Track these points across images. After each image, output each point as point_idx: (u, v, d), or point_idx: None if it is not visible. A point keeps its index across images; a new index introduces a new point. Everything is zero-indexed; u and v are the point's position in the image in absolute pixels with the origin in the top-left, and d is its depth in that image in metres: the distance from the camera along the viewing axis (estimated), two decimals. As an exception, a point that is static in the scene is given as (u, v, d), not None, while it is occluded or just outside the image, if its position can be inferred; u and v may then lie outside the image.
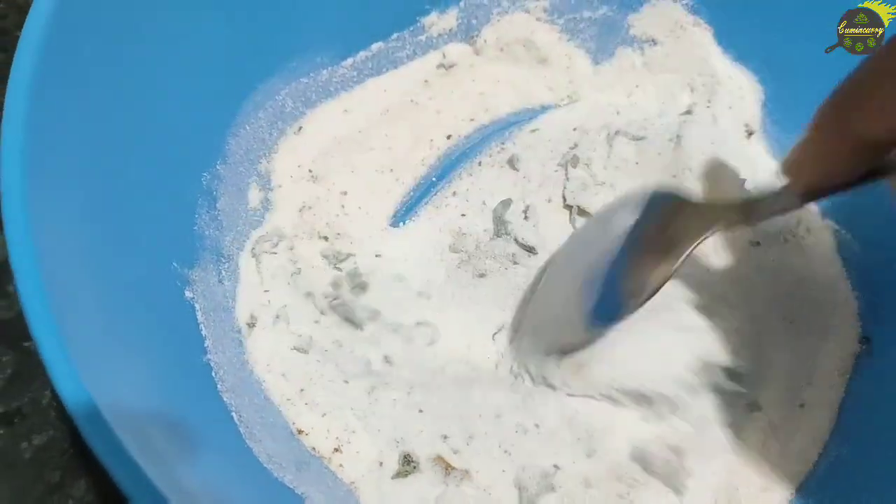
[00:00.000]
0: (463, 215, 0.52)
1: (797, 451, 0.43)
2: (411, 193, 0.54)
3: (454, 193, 0.53)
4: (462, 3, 0.56)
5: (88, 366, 0.29)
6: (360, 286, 0.48)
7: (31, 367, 0.47)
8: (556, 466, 0.41)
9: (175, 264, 0.41)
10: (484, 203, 0.52)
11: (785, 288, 0.47)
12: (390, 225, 0.52)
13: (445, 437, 0.42)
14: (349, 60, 0.54)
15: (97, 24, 0.37)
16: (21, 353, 0.47)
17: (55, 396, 0.46)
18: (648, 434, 0.42)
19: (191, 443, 0.34)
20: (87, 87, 0.36)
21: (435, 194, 0.54)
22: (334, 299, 0.46)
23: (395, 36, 0.55)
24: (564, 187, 0.52)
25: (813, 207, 0.52)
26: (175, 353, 0.38)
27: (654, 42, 0.57)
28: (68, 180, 0.34)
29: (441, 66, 0.57)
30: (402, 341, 0.46)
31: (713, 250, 0.49)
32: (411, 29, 0.56)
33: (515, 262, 0.48)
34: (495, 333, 0.47)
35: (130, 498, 0.26)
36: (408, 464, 0.40)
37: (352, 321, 0.46)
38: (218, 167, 0.46)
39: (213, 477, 0.34)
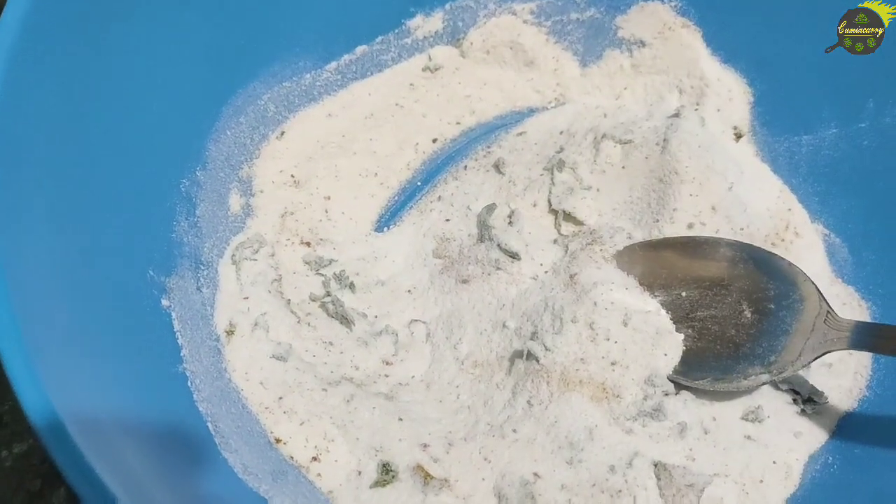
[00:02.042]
0: (447, 220, 0.51)
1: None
2: (396, 198, 0.53)
3: (439, 198, 0.53)
4: (448, 6, 0.56)
5: (55, 377, 0.28)
6: (350, 287, 0.47)
7: (10, 375, 0.47)
8: (536, 475, 0.40)
9: (151, 272, 0.40)
10: (468, 208, 0.52)
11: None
12: (374, 230, 0.52)
13: (425, 445, 0.41)
14: (333, 64, 0.54)
15: (72, 26, 0.36)
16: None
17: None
18: (630, 445, 0.42)
19: (163, 454, 0.34)
20: (59, 90, 0.36)
21: (420, 199, 0.53)
22: (326, 296, 0.46)
23: (379, 39, 0.55)
24: (550, 191, 0.52)
25: (802, 212, 0.52)
26: (150, 362, 0.38)
27: (642, 44, 0.56)
28: (37, 185, 0.34)
29: (427, 68, 0.57)
30: (391, 342, 0.46)
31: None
32: (396, 32, 0.55)
33: (499, 268, 0.48)
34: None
35: None
36: (386, 473, 0.40)
37: (345, 318, 0.46)
38: (197, 173, 0.46)
39: (186, 489, 0.33)
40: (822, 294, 0.44)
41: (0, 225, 0.30)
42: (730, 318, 0.45)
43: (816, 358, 0.42)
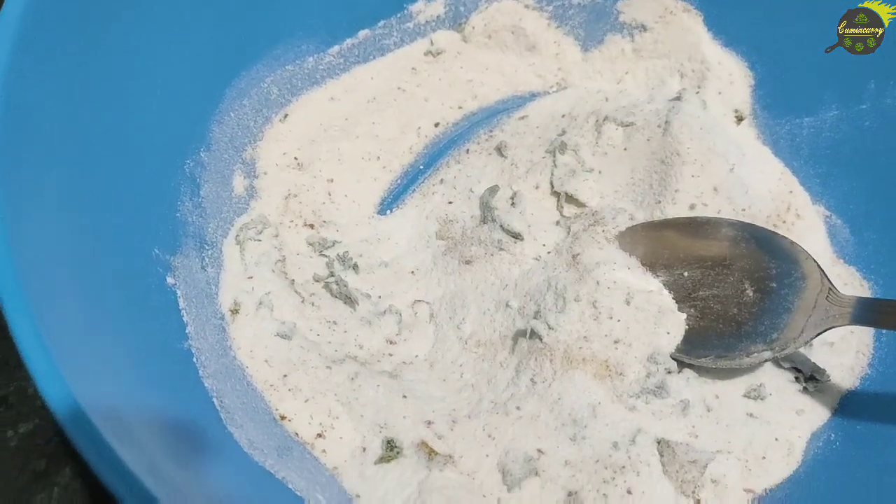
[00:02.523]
0: (450, 202, 0.52)
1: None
2: (398, 181, 0.54)
3: (441, 181, 0.53)
4: (450, -10, 0.56)
5: (67, 356, 0.29)
6: (353, 268, 0.48)
7: (16, 356, 0.47)
8: (539, 451, 0.40)
9: (157, 251, 0.41)
10: (471, 190, 0.52)
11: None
12: (377, 213, 0.52)
13: (429, 422, 0.41)
14: (335, 48, 0.54)
15: (75, 9, 0.37)
16: (6, 342, 0.47)
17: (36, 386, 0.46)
18: (633, 422, 0.42)
19: (171, 429, 0.34)
20: (65, 73, 0.36)
21: (422, 182, 0.54)
22: (329, 276, 0.46)
23: (381, 23, 0.55)
24: (552, 174, 0.52)
25: (804, 193, 0.52)
26: (155, 339, 0.38)
27: (643, 28, 0.57)
28: (44, 168, 0.34)
29: (429, 53, 0.57)
30: (394, 322, 0.46)
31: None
32: (398, 16, 0.56)
33: (501, 249, 0.48)
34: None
35: (116, 494, 0.26)
36: (391, 449, 0.40)
37: (349, 298, 0.46)
38: (202, 154, 0.46)
39: (193, 463, 0.33)
40: (823, 271, 0.44)
41: (10, 207, 0.30)
42: (732, 296, 0.45)
43: (819, 334, 0.42)
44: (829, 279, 0.43)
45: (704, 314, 0.45)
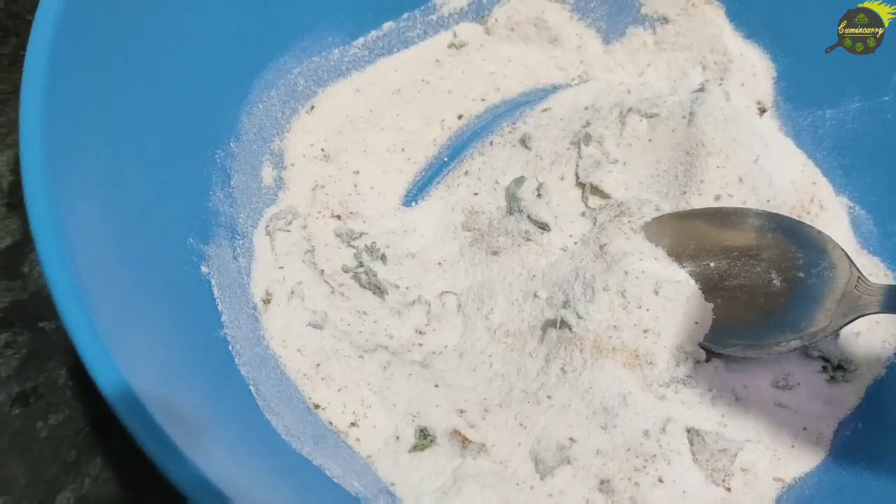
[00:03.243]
0: (475, 194, 0.52)
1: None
2: (423, 173, 0.54)
3: (466, 173, 0.53)
4: (473, -17, 0.56)
5: (115, 340, 0.29)
6: (381, 258, 0.48)
7: (46, 347, 0.47)
8: (571, 439, 0.41)
9: (191, 240, 0.41)
10: (496, 182, 0.52)
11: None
12: (402, 204, 0.52)
13: (462, 411, 0.42)
14: (360, 40, 0.54)
15: (110, 4, 0.37)
16: (36, 333, 0.47)
17: (71, 376, 0.46)
18: (662, 411, 0.42)
19: (213, 415, 0.34)
20: (102, 65, 0.36)
21: (447, 174, 0.54)
22: (359, 266, 0.47)
23: (406, 15, 0.55)
24: (577, 165, 0.52)
25: (827, 185, 0.52)
26: (193, 326, 0.38)
27: (665, 20, 0.57)
28: (86, 158, 0.34)
29: (452, 45, 0.57)
30: (423, 312, 0.46)
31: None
32: (422, 8, 0.56)
33: (529, 239, 0.48)
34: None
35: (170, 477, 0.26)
36: (424, 437, 0.40)
37: (378, 288, 0.46)
38: (231, 145, 0.46)
39: (236, 447, 0.34)
40: (851, 260, 0.44)
41: (57, 197, 0.30)
42: (759, 286, 0.45)
43: (848, 322, 0.42)
44: (857, 268, 0.44)
45: (732, 304, 0.45)
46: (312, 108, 0.52)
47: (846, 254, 0.44)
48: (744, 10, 0.55)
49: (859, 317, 0.42)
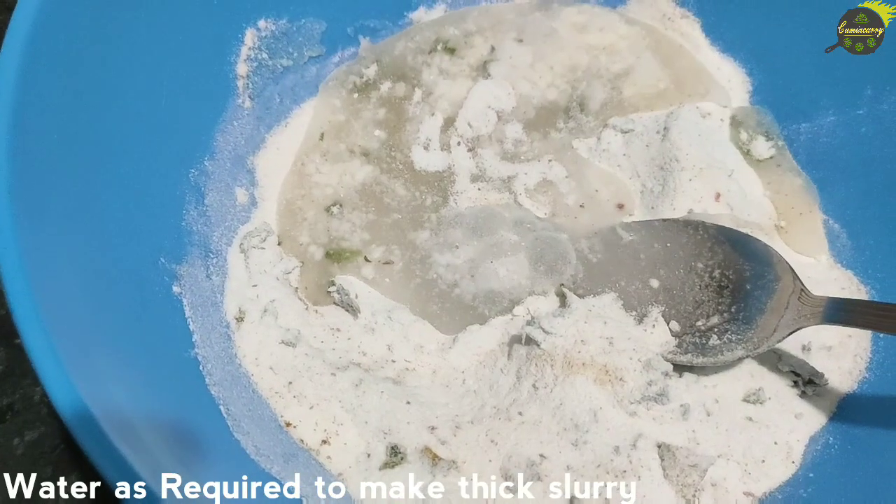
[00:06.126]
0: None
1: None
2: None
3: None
4: (450, -1, 0.57)
5: (76, 362, 0.29)
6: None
7: (22, 364, 0.48)
8: (542, 456, 0.41)
9: (163, 260, 0.41)
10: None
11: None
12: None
13: (433, 427, 0.42)
14: (336, 56, 0.54)
15: (82, 20, 0.37)
16: (13, 350, 0.48)
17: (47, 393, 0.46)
18: (633, 427, 0.42)
19: (178, 436, 0.34)
20: (72, 83, 0.36)
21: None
22: (331, 285, 0.47)
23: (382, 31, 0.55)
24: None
25: (801, 198, 0.52)
26: (163, 347, 0.38)
27: (641, 35, 0.57)
28: (53, 177, 0.34)
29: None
30: (398, 328, 0.47)
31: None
32: (399, 24, 0.56)
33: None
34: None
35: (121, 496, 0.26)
36: (395, 455, 0.41)
37: (350, 307, 0.46)
38: (206, 163, 0.46)
39: (202, 469, 0.34)
40: (795, 273, 0.44)
41: (20, 218, 0.31)
42: (707, 299, 0.46)
43: (791, 333, 0.43)
44: (800, 280, 0.44)
45: (680, 315, 0.46)
46: (287, 125, 0.52)
47: (790, 267, 0.45)
48: (720, 24, 0.56)
49: (801, 328, 0.43)
